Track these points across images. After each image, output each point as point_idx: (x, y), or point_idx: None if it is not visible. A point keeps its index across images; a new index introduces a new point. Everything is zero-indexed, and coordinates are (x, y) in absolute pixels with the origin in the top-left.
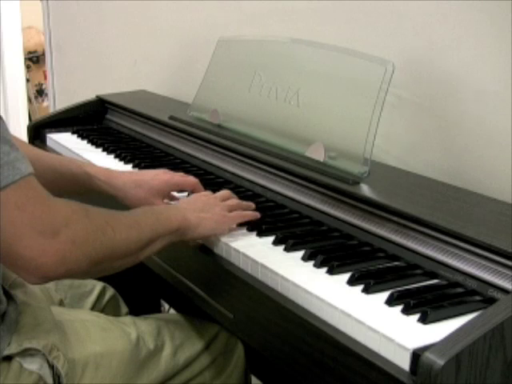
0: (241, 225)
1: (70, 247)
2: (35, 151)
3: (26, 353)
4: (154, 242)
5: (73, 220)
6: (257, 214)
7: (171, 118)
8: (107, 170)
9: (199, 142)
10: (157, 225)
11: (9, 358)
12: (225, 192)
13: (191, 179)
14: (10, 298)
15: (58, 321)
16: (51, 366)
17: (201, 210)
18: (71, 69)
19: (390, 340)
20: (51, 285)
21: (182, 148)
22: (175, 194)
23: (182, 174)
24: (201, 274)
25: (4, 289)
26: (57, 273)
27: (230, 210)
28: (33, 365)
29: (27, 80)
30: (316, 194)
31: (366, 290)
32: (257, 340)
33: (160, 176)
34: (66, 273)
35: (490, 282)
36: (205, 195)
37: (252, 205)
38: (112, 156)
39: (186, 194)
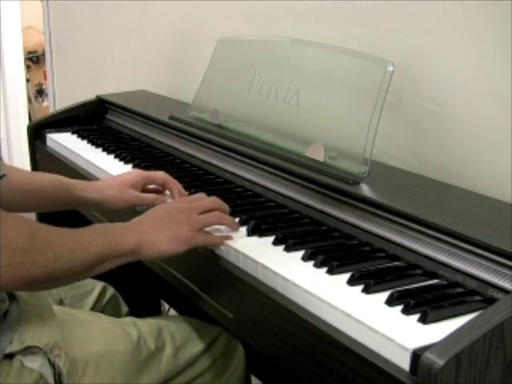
0: (241, 225)
1: (5, 268)
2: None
3: (28, 351)
4: (100, 265)
5: (14, 242)
6: (227, 238)
7: (171, 118)
8: (84, 181)
9: (199, 141)
10: (106, 248)
11: (10, 356)
12: (209, 201)
13: (160, 172)
14: (12, 296)
15: (60, 320)
16: (52, 365)
17: (161, 230)
18: (71, 69)
19: (390, 340)
20: None
21: (182, 148)
22: (167, 192)
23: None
24: (201, 274)
25: None
26: None
27: (204, 226)
28: (34, 363)
29: (27, 80)
30: (316, 194)
31: (366, 290)
32: (257, 340)
33: (129, 172)
34: None
35: (490, 282)
36: (183, 203)
37: (234, 224)
38: (112, 156)
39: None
